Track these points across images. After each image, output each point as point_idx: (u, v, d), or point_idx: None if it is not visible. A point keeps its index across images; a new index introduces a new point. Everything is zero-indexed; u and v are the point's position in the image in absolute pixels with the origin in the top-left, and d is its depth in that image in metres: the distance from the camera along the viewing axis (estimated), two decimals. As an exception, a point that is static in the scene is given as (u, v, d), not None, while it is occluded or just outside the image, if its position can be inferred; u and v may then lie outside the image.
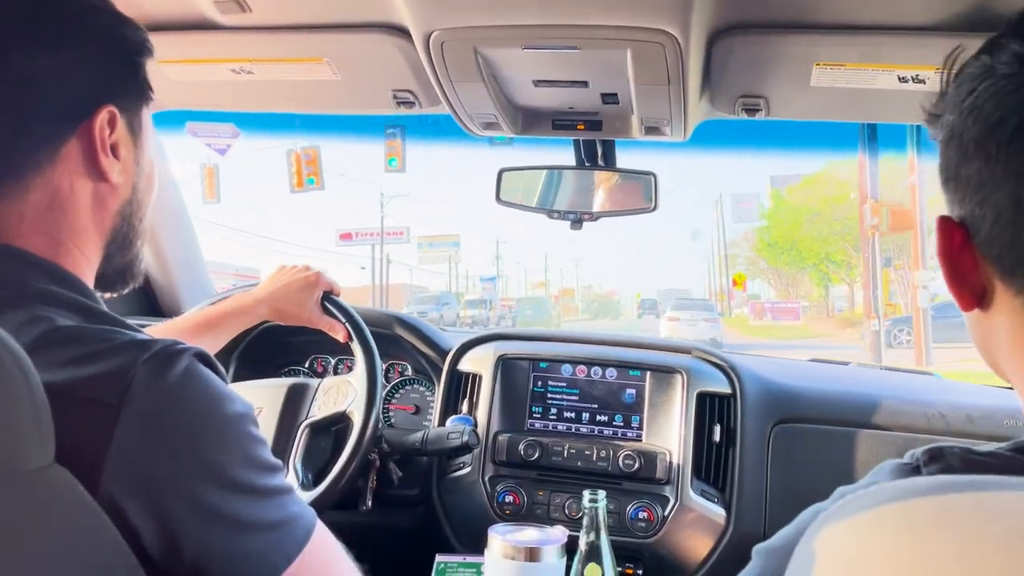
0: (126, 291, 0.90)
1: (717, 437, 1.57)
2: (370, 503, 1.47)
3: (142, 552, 0.65)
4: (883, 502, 0.41)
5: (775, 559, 0.56)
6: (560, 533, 1.17)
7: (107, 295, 0.86)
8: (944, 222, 0.58)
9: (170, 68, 1.33)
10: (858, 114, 1.33)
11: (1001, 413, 1.52)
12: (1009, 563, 0.32)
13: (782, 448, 1.57)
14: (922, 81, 1.13)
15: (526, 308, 34.10)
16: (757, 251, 35.15)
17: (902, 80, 1.13)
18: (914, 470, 0.50)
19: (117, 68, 0.81)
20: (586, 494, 1.14)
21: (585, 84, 1.22)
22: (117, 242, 0.84)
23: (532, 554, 1.12)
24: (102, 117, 0.78)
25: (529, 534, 1.16)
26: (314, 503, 1.32)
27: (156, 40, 1.24)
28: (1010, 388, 1.71)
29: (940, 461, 0.49)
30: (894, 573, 0.36)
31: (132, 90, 0.83)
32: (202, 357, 0.72)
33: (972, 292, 0.58)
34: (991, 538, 0.34)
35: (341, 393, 1.48)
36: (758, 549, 0.59)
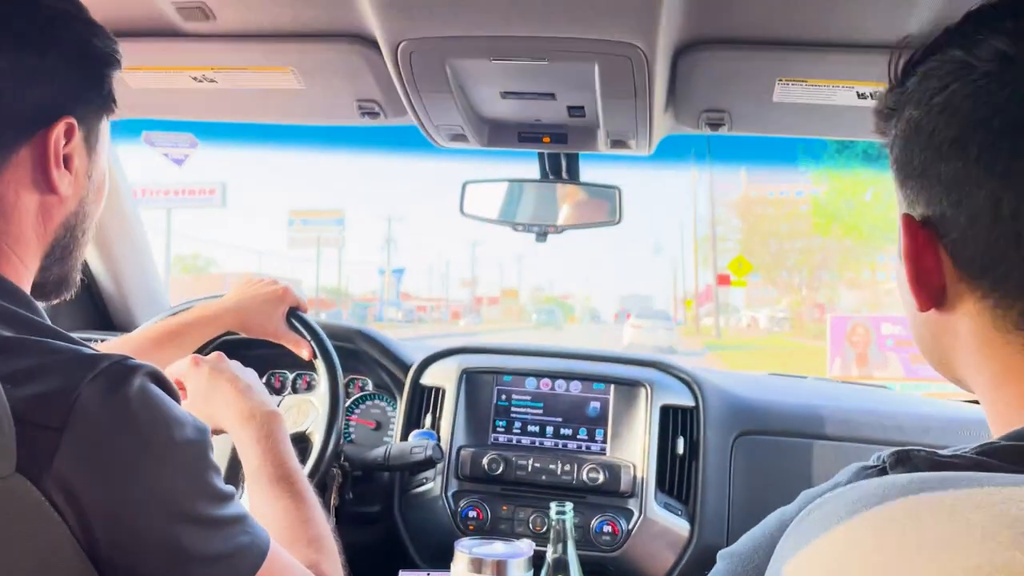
0: (60, 301, 0.87)
1: (680, 450, 1.57)
2: (334, 521, 1.44)
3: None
4: (862, 500, 0.41)
5: (742, 564, 0.55)
6: (526, 546, 1.17)
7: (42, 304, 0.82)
8: (910, 221, 0.57)
9: (130, 75, 1.30)
10: (818, 130, 1.36)
11: (956, 424, 1.56)
12: (995, 548, 0.33)
13: (744, 460, 1.59)
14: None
15: (543, 315, 38.66)
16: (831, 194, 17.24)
17: (861, 96, 1.16)
18: (880, 472, 0.50)
19: (82, 79, 0.78)
20: (553, 506, 1.13)
21: (552, 96, 1.23)
22: (56, 254, 0.80)
23: (499, 568, 1.11)
24: (59, 128, 0.74)
25: (495, 548, 1.15)
26: None
27: (115, 46, 1.23)
28: (966, 401, 1.73)
29: (907, 463, 0.48)
30: (880, 567, 0.36)
31: (95, 101, 0.80)
32: (155, 376, 0.69)
33: (931, 293, 0.57)
34: (975, 527, 0.34)
35: (302, 412, 1.46)
36: (723, 554, 0.59)
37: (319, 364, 1.42)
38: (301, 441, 1.41)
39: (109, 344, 1.30)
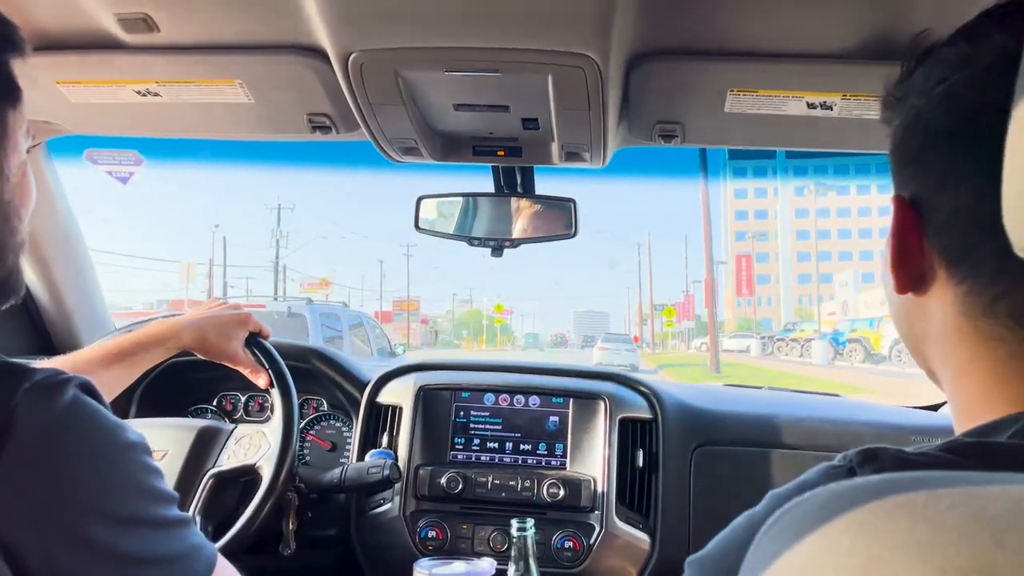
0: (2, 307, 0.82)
1: (640, 462, 1.57)
2: (293, 546, 1.40)
3: None
4: (833, 504, 0.40)
5: (712, 570, 0.54)
6: (488, 565, 1.15)
7: None
8: (900, 201, 0.58)
9: (70, 89, 1.26)
10: (769, 140, 1.37)
11: (909, 430, 1.58)
12: (972, 549, 0.32)
13: (703, 471, 1.58)
14: (829, 107, 1.17)
15: (529, 339, 39.49)
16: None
17: (811, 106, 1.18)
18: (848, 472, 0.49)
19: None
20: (514, 523, 1.11)
21: (506, 108, 1.22)
22: None
23: (460, 588, 1.09)
24: None
25: (456, 567, 1.13)
26: None
27: (55, 60, 1.19)
28: (920, 408, 1.76)
29: (874, 462, 0.48)
30: (856, 571, 0.35)
31: None
32: (86, 387, 0.68)
33: (911, 275, 0.57)
34: (951, 528, 0.34)
35: (253, 444, 1.42)
36: (692, 560, 0.57)
37: (275, 394, 1.39)
38: (249, 473, 1.37)
39: (53, 362, 1.24)
